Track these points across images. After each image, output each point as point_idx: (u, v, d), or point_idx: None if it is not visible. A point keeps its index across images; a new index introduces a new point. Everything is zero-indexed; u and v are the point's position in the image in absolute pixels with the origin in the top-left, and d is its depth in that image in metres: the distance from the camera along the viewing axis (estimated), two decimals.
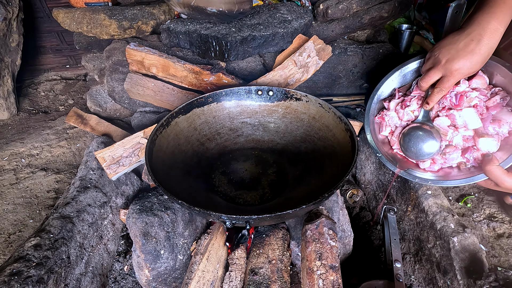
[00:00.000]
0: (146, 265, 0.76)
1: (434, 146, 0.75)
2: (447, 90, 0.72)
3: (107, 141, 1.08)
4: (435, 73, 0.71)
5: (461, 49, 0.66)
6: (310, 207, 0.62)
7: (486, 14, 0.64)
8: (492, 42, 0.64)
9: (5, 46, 1.53)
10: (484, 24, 0.63)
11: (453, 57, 0.66)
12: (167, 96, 1.15)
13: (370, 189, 1.10)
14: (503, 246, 0.83)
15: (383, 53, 1.19)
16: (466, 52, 0.65)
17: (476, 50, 0.64)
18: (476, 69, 0.67)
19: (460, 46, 0.66)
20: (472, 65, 0.66)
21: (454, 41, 0.67)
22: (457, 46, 0.66)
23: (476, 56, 0.65)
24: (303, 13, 1.24)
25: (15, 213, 1.04)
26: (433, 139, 0.75)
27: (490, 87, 0.74)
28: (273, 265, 0.73)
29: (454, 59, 0.66)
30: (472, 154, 0.72)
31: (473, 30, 0.64)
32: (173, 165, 0.82)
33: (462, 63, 0.66)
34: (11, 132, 1.45)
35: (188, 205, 0.60)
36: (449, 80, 0.69)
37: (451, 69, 0.67)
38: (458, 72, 0.67)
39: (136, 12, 1.24)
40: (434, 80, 0.72)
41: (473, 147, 0.72)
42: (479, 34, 0.64)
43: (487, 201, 0.94)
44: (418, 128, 0.78)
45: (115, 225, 0.97)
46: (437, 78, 0.72)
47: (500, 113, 0.70)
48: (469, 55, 0.65)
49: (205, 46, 1.13)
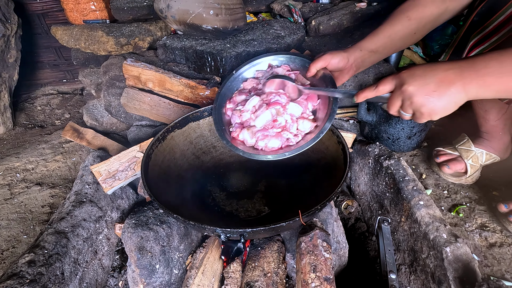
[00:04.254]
0: (141, 280, 0.75)
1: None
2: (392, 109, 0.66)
3: (103, 155, 1.08)
4: (397, 99, 0.63)
5: (431, 83, 0.58)
6: (303, 219, 0.62)
7: (475, 72, 0.56)
8: (456, 99, 0.58)
9: (3, 62, 1.55)
10: (466, 76, 0.57)
11: (419, 90, 0.59)
12: (163, 110, 1.17)
13: (365, 200, 1.11)
14: (495, 256, 0.84)
15: (374, 66, 1.23)
16: (434, 91, 0.58)
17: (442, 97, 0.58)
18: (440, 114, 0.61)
19: (431, 79, 0.59)
20: (432, 106, 0.60)
21: (426, 69, 0.60)
22: (427, 75, 0.59)
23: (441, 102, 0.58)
24: (296, 29, 1.28)
25: (9, 229, 1.03)
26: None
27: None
28: (269, 278, 0.73)
29: (419, 92, 0.59)
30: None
31: (451, 72, 0.58)
32: (169, 179, 0.83)
33: (427, 102, 0.59)
34: (6, 146, 1.45)
35: (183, 219, 0.61)
36: (403, 107, 0.63)
37: (410, 101, 0.61)
38: (416, 105, 0.61)
39: (133, 29, 1.28)
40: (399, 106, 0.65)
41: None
42: (451, 81, 0.57)
43: (478, 211, 0.96)
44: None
45: (110, 240, 0.96)
46: (398, 102, 0.64)
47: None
48: (436, 99, 0.58)
49: (200, 61, 1.16)
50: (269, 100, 0.83)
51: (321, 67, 0.83)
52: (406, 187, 0.89)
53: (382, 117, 1.11)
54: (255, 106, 0.84)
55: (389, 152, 1.02)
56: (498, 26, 0.76)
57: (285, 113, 0.81)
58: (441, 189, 1.05)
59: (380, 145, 1.06)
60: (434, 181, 1.08)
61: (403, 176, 0.92)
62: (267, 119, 0.81)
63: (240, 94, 0.89)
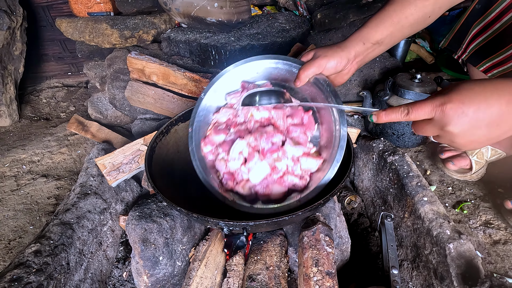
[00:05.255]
0: (145, 271, 0.76)
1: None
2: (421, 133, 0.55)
3: (107, 147, 1.09)
4: (432, 130, 0.51)
5: (482, 127, 0.46)
6: (306, 213, 0.62)
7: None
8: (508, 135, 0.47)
9: (9, 54, 1.56)
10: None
11: (466, 133, 0.47)
12: (167, 103, 1.17)
13: (368, 196, 1.11)
14: (499, 253, 0.83)
15: (379, 61, 1.21)
16: (484, 135, 0.47)
17: (497, 137, 0.47)
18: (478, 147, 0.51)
19: (483, 122, 0.46)
20: (476, 146, 0.50)
21: (480, 107, 0.45)
22: (479, 117, 0.45)
23: (490, 141, 0.49)
24: (301, 23, 1.27)
25: (15, 219, 1.05)
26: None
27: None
28: (271, 272, 0.73)
29: (466, 136, 0.47)
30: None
31: (508, 110, 0.44)
32: (172, 172, 0.83)
33: (470, 144, 0.49)
34: (12, 138, 1.47)
35: (186, 211, 0.61)
36: (437, 139, 0.53)
37: (450, 139, 0.50)
38: (456, 145, 0.50)
39: (137, 22, 1.27)
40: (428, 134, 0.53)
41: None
42: (506, 120, 0.45)
43: (483, 208, 0.95)
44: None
45: (114, 232, 0.97)
46: (431, 133, 0.52)
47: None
48: (485, 139, 0.47)
49: (204, 54, 1.16)
50: (259, 145, 0.69)
51: (313, 75, 0.68)
52: (410, 183, 0.89)
53: None
54: (242, 153, 0.70)
55: (393, 148, 1.01)
56: (500, 13, 0.75)
57: (284, 157, 0.69)
58: (445, 185, 1.04)
59: (384, 141, 1.05)
60: (438, 177, 1.07)
61: (407, 172, 0.92)
62: (265, 173, 0.68)
63: (217, 133, 0.74)
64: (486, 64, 0.83)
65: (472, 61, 0.88)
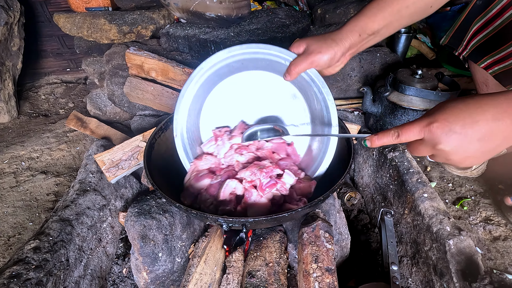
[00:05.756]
0: (145, 267, 0.76)
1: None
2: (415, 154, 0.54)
3: (106, 144, 1.08)
4: (425, 150, 0.50)
5: (474, 142, 0.46)
6: (305, 210, 0.62)
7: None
8: (501, 149, 0.47)
9: (6, 50, 1.55)
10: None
11: (458, 150, 0.47)
12: (166, 99, 1.16)
13: (368, 192, 1.11)
14: (499, 249, 0.83)
15: (380, 57, 1.20)
16: (478, 149, 0.46)
17: (490, 151, 0.47)
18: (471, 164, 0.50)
19: (473, 137, 0.46)
20: (473, 161, 0.49)
21: (466, 122, 0.45)
22: (468, 133, 0.45)
23: (484, 157, 0.48)
24: (301, 18, 1.26)
25: (14, 216, 1.05)
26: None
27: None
28: (270, 268, 0.73)
29: (459, 152, 0.47)
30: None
31: (496, 126, 0.44)
32: (172, 168, 0.83)
33: (466, 159, 0.48)
34: (11, 135, 1.46)
35: (186, 208, 0.61)
36: (433, 158, 0.52)
37: (445, 158, 0.49)
38: (453, 162, 0.50)
39: (136, 17, 1.26)
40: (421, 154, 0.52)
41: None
42: (496, 135, 0.45)
43: (483, 204, 0.95)
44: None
45: (114, 228, 0.97)
46: (426, 153, 0.52)
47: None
48: (480, 154, 0.47)
49: (204, 50, 1.15)
50: (256, 181, 0.75)
51: (305, 70, 0.68)
52: (411, 180, 0.89)
53: (387, 109, 1.09)
54: (236, 189, 0.75)
55: (394, 144, 1.00)
56: (501, 10, 0.74)
57: (283, 186, 0.76)
58: (446, 182, 1.04)
59: None
60: (439, 173, 1.07)
61: (407, 169, 0.92)
62: (264, 209, 0.74)
63: (199, 179, 0.78)
64: (487, 61, 0.82)
65: (473, 57, 0.87)
